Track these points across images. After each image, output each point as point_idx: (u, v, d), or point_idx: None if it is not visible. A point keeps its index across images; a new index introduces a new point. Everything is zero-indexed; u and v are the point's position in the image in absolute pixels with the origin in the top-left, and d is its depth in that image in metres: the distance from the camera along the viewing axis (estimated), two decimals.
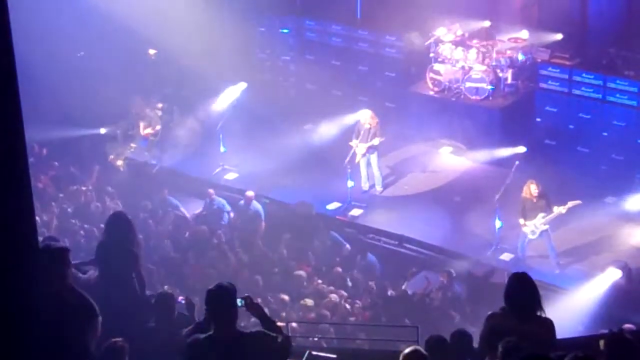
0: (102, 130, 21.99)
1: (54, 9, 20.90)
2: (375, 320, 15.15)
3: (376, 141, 19.37)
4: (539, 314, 7.73)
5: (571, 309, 15.08)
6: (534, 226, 16.87)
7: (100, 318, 8.19)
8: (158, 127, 21.68)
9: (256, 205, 18.84)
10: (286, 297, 15.55)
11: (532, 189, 16.83)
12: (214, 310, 7.19)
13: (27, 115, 5.29)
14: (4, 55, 5.00)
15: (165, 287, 13.83)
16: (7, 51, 5.02)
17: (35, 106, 17.25)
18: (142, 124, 21.64)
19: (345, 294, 15.93)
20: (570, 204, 16.74)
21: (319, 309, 15.18)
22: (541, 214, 16.80)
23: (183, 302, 10.36)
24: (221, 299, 7.17)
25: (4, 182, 5.08)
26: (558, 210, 16.74)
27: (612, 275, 16.05)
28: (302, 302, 15.40)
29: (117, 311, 9.17)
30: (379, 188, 19.95)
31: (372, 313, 15.48)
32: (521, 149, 19.26)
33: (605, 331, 9.18)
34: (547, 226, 16.88)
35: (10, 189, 5.14)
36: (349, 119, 20.52)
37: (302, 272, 16.62)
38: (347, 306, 15.51)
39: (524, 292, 7.70)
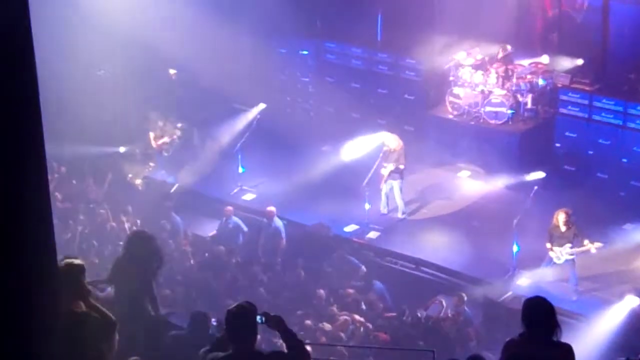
0: (122, 149, 22.06)
1: (75, 28, 20.99)
2: (390, 344, 15.10)
3: (388, 168, 19.26)
4: (556, 339, 7.67)
5: (588, 336, 15.00)
6: (559, 253, 16.76)
7: (117, 335, 8.22)
8: (174, 137, 21.69)
9: (277, 222, 18.84)
10: (309, 322, 15.51)
11: (560, 218, 16.72)
12: (233, 330, 7.20)
13: (47, 133, 5.31)
14: (27, 73, 5.03)
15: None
16: (30, 69, 5.05)
17: (55, 124, 17.31)
18: (152, 135, 21.66)
19: (358, 317, 15.88)
20: (597, 245, 16.61)
21: (334, 331, 15.16)
22: (568, 244, 16.69)
23: (215, 323, 10.41)
24: (240, 319, 7.19)
25: (24, 200, 5.10)
26: (587, 247, 16.58)
27: (630, 303, 15.96)
28: (320, 325, 15.37)
29: (132, 329, 9.19)
30: (400, 215, 19.88)
31: (388, 336, 15.43)
32: (540, 174, 19.19)
33: (623, 359, 9.11)
34: (572, 256, 16.78)
35: (30, 206, 5.15)
36: (368, 141, 20.50)
37: (322, 292, 16.60)
38: (362, 329, 15.48)
39: (541, 316, 7.64)
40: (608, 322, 15.69)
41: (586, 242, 16.58)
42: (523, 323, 7.66)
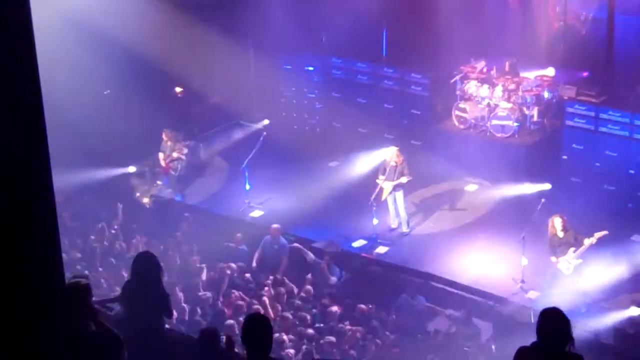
0: (132, 169, 22.02)
1: (79, 48, 21.00)
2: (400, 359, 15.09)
3: (404, 179, 19.33)
4: (568, 351, 7.69)
5: (597, 348, 14.97)
6: (567, 262, 16.76)
7: (126, 354, 8.24)
8: (184, 152, 21.70)
9: (282, 240, 18.82)
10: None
11: (556, 223, 16.77)
12: (248, 338, 7.36)
13: (52, 153, 5.34)
14: (32, 96, 5.07)
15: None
16: (36, 92, 5.09)
17: (61, 145, 17.36)
18: (161, 155, 21.71)
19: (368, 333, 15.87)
20: (598, 234, 16.64)
21: (343, 347, 15.13)
22: (571, 249, 16.71)
23: (224, 340, 10.43)
24: (254, 328, 7.38)
25: (30, 219, 5.13)
26: (588, 242, 16.61)
27: (632, 314, 16.00)
28: (326, 338, 15.34)
29: (144, 350, 9.21)
30: (405, 229, 19.88)
31: (398, 350, 15.42)
32: (546, 186, 19.24)
33: None
34: (580, 260, 16.76)
35: (37, 226, 5.18)
36: (375, 156, 20.56)
37: (335, 308, 16.57)
38: (373, 345, 15.46)
39: (557, 328, 7.66)
40: (617, 333, 15.70)
41: (586, 240, 16.59)
42: (537, 333, 7.69)
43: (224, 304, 16.66)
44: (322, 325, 15.92)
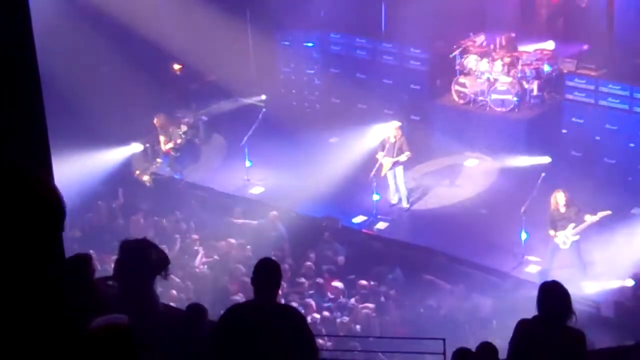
0: (135, 147, 21.89)
1: (76, 26, 20.90)
2: (403, 334, 15.12)
3: (403, 157, 19.30)
4: (569, 324, 7.71)
5: (598, 321, 15.00)
6: (564, 237, 16.77)
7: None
8: (179, 141, 21.66)
9: (280, 226, 18.77)
10: (327, 313, 15.57)
11: (559, 198, 16.78)
12: (258, 279, 7.50)
13: (51, 132, 5.33)
14: (30, 76, 5.05)
15: None
16: (33, 72, 5.07)
17: (59, 123, 17.29)
18: (162, 139, 21.67)
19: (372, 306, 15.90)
20: (601, 214, 16.66)
21: (350, 324, 15.20)
22: (571, 224, 16.72)
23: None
24: (266, 269, 7.52)
25: (30, 201, 5.12)
26: (590, 219, 16.64)
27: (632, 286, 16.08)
28: (340, 317, 15.41)
29: (143, 325, 9.18)
30: (405, 204, 19.89)
31: (401, 327, 15.46)
32: (546, 160, 19.25)
33: (632, 343, 9.11)
34: (578, 237, 16.79)
35: (37, 204, 5.17)
36: (375, 131, 20.54)
37: (339, 284, 16.59)
38: (377, 321, 15.53)
39: (557, 302, 7.68)
40: (617, 306, 15.73)
41: (587, 216, 16.62)
42: (538, 307, 7.71)
43: (229, 282, 16.68)
44: (330, 304, 16.01)
